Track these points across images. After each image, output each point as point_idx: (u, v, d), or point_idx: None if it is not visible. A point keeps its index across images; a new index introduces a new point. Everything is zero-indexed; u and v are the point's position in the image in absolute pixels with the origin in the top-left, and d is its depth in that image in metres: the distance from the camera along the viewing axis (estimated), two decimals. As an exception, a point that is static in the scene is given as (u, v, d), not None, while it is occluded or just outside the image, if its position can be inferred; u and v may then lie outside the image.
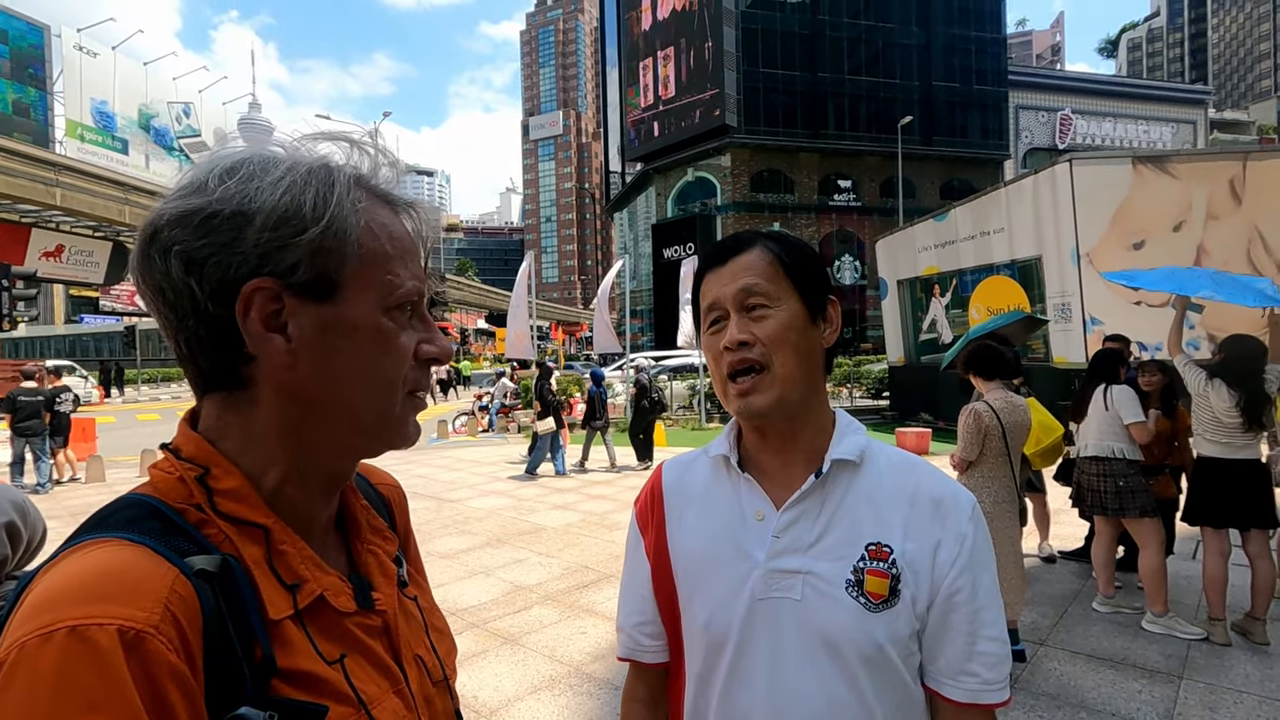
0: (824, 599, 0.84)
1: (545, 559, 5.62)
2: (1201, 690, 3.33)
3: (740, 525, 0.90)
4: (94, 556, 0.49)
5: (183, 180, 0.57)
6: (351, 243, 0.57)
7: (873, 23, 38.94)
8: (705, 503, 0.95)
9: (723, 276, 0.90)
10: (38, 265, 20.55)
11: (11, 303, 11.80)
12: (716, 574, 0.89)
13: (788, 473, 0.90)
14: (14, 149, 21.35)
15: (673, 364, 17.76)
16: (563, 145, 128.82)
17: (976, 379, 3.78)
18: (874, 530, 0.85)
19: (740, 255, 0.90)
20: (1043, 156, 40.44)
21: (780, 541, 0.86)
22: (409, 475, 9.68)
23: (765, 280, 0.87)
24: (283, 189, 0.55)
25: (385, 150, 0.63)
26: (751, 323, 0.87)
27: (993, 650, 0.84)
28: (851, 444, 0.89)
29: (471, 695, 3.40)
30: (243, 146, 0.58)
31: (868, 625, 0.82)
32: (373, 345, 0.59)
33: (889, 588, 0.83)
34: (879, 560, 0.84)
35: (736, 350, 0.86)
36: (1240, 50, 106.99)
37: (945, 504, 0.87)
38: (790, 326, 0.86)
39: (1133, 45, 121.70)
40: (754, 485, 0.90)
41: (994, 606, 0.86)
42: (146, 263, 0.55)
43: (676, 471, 1.01)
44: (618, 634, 1.02)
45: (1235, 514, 3.88)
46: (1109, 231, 9.59)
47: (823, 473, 0.87)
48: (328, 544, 0.64)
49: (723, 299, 0.89)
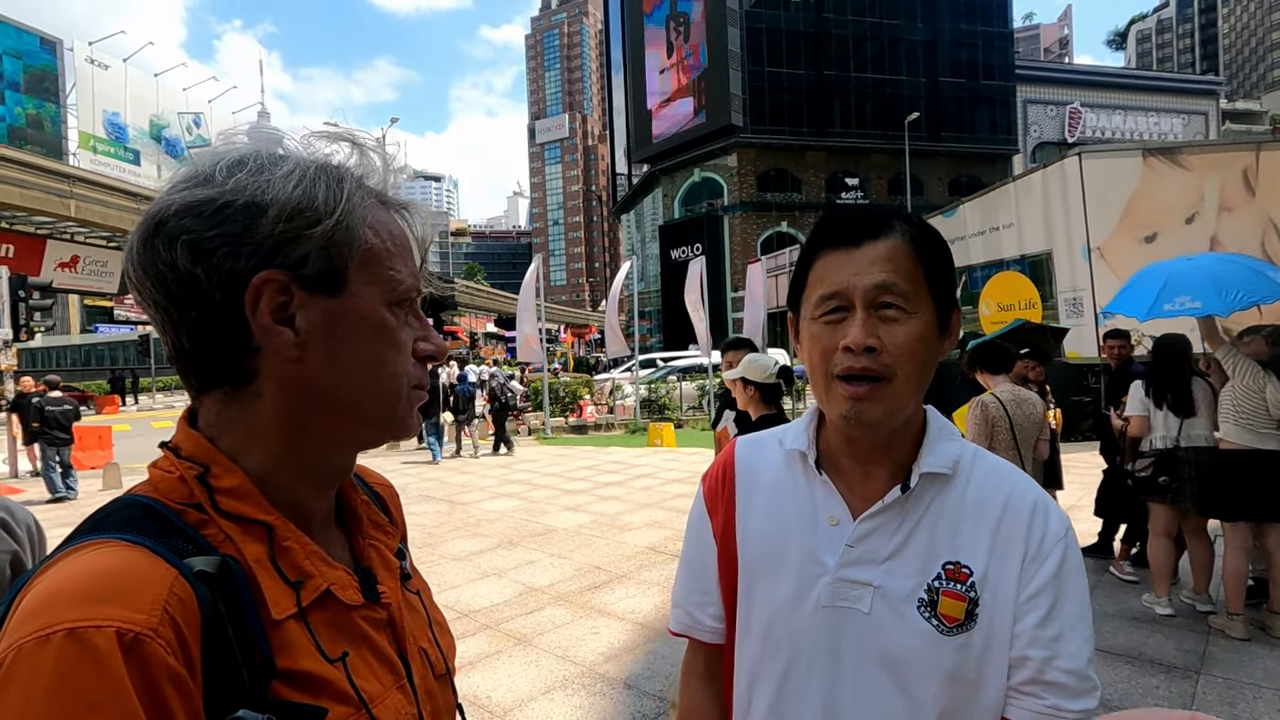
0: (894, 616, 0.78)
1: (557, 560, 5.63)
2: (1220, 685, 3.29)
3: (811, 528, 0.84)
4: (91, 558, 0.48)
5: (183, 173, 0.56)
6: (359, 238, 0.58)
7: (878, 20, 38.80)
8: (776, 496, 0.89)
9: (854, 262, 0.78)
10: (53, 276, 20.76)
11: (28, 313, 11.93)
12: (782, 574, 0.84)
13: (869, 479, 0.84)
14: (29, 161, 21.62)
15: (682, 364, 17.75)
16: (569, 148, 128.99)
17: (983, 375, 3.77)
18: (955, 548, 0.79)
19: (878, 240, 0.78)
20: (1052, 151, 40.11)
21: (854, 551, 0.81)
22: (420, 479, 9.73)
23: (906, 280, 0.77)
24: (295, 181, 0.55)
25: (384, 153, 0.64)
26: (882, 324, 0.77)
27: (1068, 684, 0.75)
28: (944, 454, 0.82)
29: (485, 696, 3.42)
30: (245, 143, 0.59)
31: (938, 650, 0.77)
32: (379, 338, 0.59)
33: (965, 611, 0.77)
34: (956, 581, 0.78)
35: (861, 356, 0.76)
36: (1252, 40, 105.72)
37: (1037, 519, 0.80)
38: (922, 338, 0.77)
39: (1142, 37, 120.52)
40: (830, 488, 0.84)
41: (1077, 637, 0.77)
42: (149, 253, 0.54)
43: (751, 454, 0.95)
44: (674, 608, 0.99)
45: (1256, 507, 3.83)
46: (1120, 225, 9.51)
47: (909, 487, 0.81)
48: (330, 539, 0.64)
49: (851, 290, 0.77)
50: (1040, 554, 0.78)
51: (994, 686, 0.78)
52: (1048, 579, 0.77)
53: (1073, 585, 0.79)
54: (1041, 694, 0.76)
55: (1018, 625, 0.77)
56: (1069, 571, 0.79)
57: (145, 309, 0.57)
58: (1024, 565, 0.78)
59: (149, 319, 0.58)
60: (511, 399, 12.58)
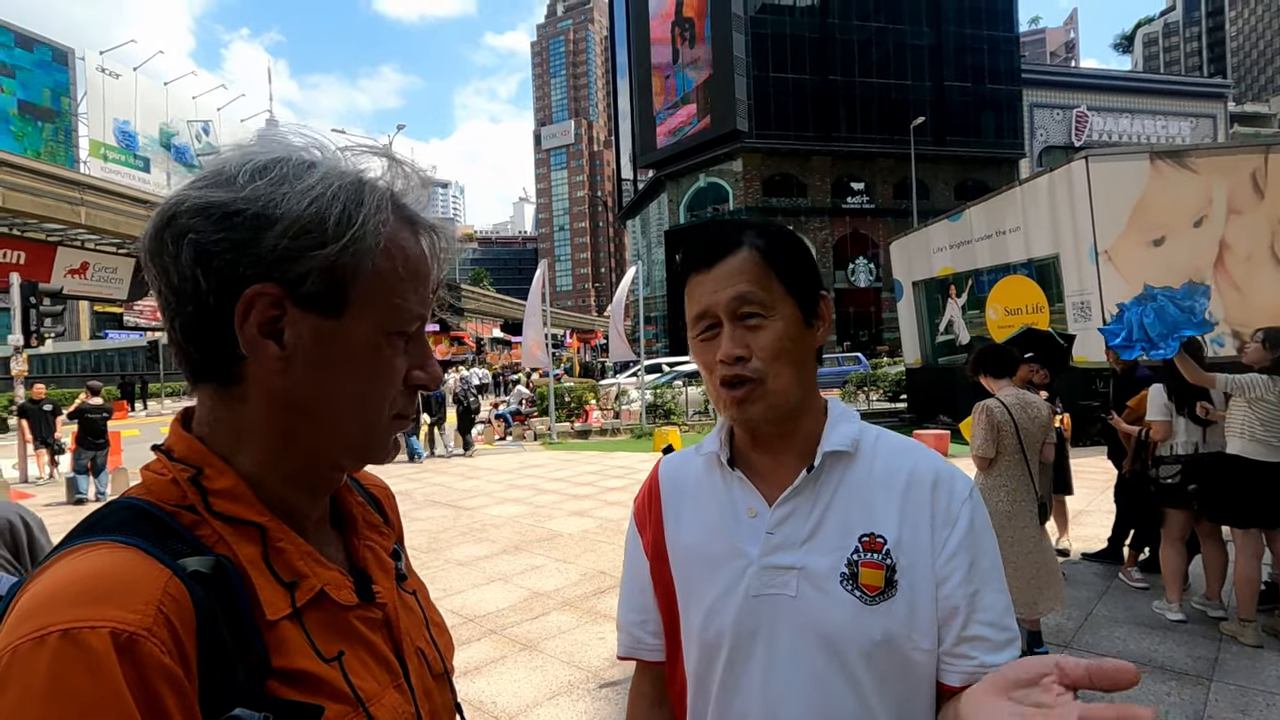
0: (819, 594, 0.82)
1: (562, 565, 5.62)
2: (1232, 692, 3.26)
3: (733, 522, 0.88)
4: (86, 560, 0.49)
5: (212, 166, 0.56)
6: (367, 263, 0.57)
7: (883, 24, 38.80)
8: (699, 500, 0.93)
9: (711, 281, 0.85)
10: (64, 282, 20.94)
11: (39, 320, 12.06)
12: (711, 572, 0.88)
13: (780, 468, 0.88)
14: (40, 169, 21.90)
15: (687, 369, 17.74)
16: (575, 154, 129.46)
17: (987, 379, 3.76)
18: (867, 520, 0.83)
19: (728, 258, 0.85)
20: (1059, 154, 39.98)
21: (774, 538, 0.84)
22: (426, 484, 9.75)
23: (758, 287, 0.83)
24: (310, 199, 0.54)
25: (419, 170, 0.63)
26: (747, 333, 0.83)
27: (988, 635, 0.80)
28: (843, 434, 0.87)
29: (490, 701, 3.41)
30: (281, 146, 0.58)
31: (864, 620, 0.80)
32: (366, 366, 0.59)
33: (884, 579, 0.81)
34: (873, 551, 0.82)
35: (733, 365, 0.83)
36: (1260, 43, 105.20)
37: (941, 485, 0.85)
38: (785, 335, 0.83)
39: (1148, 40, 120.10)
40: (745, 482, 0.89)
41: (991, 590, 0.82)
42: (157, 244, 0.55)
43: (672, 469, 0.99)
44: (618, 632, 1.01)
45: (1265, 514, 3.80)
46: (1128, 228, 9.46)
47: (814, 467, 0.85)
48: (324, 540, 0.64)
49: (714, 307, 0.84)
50: (949, 517, 0.83)
51: (924, 651, 0.81)
52: (960, 539, 0.82)
53: (984, 543, 0.84)
54: (969, 652, 0.80)
55: (940, 589, 0.82)
56: (979, 531, 0.84)
57: (153, 292, 0.58)
58: (934, 530, 0.83)
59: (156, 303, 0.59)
60: (474, 403, 13.56)
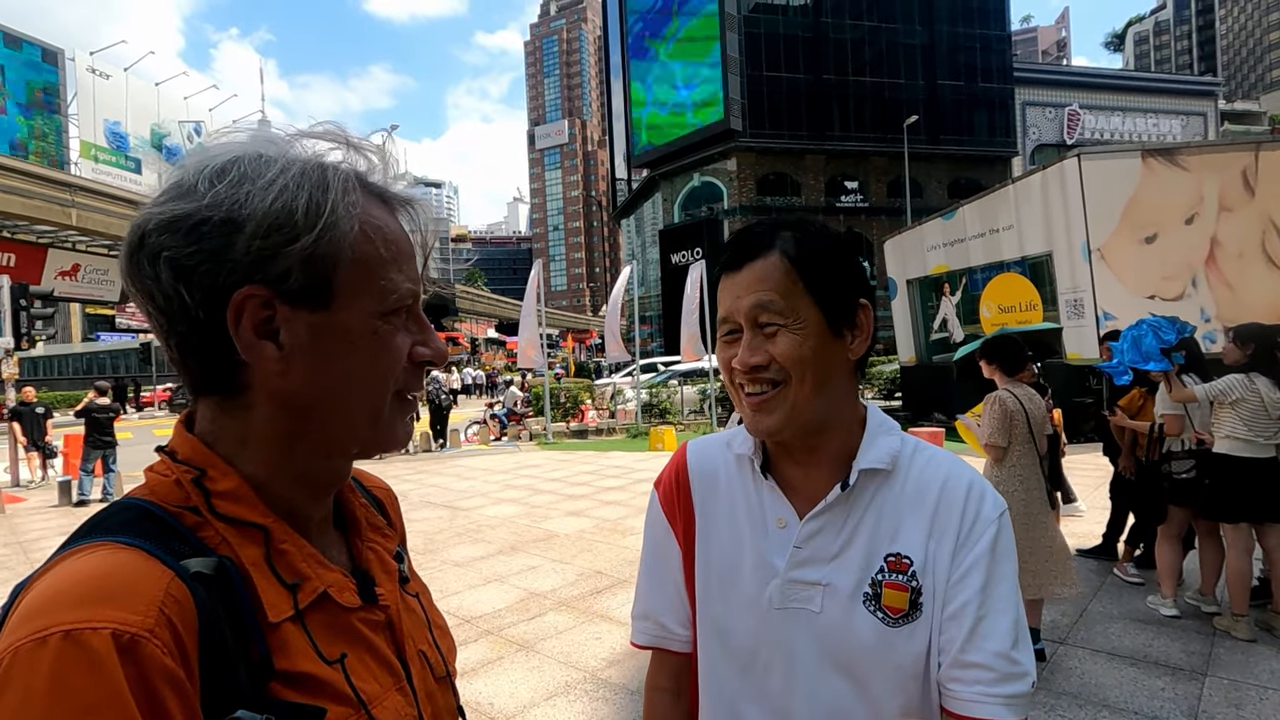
0: (843, 612, 0.80)
1: (559, 565, 5.62)
2: (1226, 687, 3.28)
3: (762, 531, 0.86)
4: (88, 560, 0.48)
5: (170, 180, 0.55)
6: (346, 249, 0.56)
7: (876, 23, 38.90)
8: (729, 501, 0.90)
9: (736, 285, 0.83)
10: (54, 284, 20.81)
11: (30, 322, 11.96)
12: (735, 579, 0.86)
13: (811, 481, 0.85)
14: (31, 171, 21.73)
15: (683, 369, 17.74)
16: (569, 154, 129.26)
17: (997, 372, 3.79)
18: (896, 540, 0.81)
19: (756, 261, 0.82)
20: (1051, 152, 40.18)
21: (802, 552, 0.82)
22: (422, 485, 9.72)
23: (780, 295, 0.80)
24: (274, 194, 0.53)
25: (381, 148, 0.62)
26: (766, 340, 0.81)
27: (992, 664, 0.75)
28: (882, 449, 0.83)
29: (487, 702, 3.41)
30: (234, 142, 0.57)
31: (886, 642, 0.78)
32: (366, 351, 0.58)
33: (909, 601, 0.78)
34: (898, 573, 0.79)
35: (749, 372, 0.82)
36: (1250, 41, 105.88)
37: (970, 505, 0.81)
38: (806, 344, 0.80)
39: (1139, 39, 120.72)
40: (776, 491, 0.86)
41: (1003, 618, 0.77)
42: (135, 268, 0.54)
43: (702, 460, 0.96)
44: (636, 621, 0.98)
45: (1255, 508, 3.82)
46: (1120, 226, 9.52)
47: (849, 484, 0.82)
48: (327, 541, 0.64)
49: (735, 313, 0.83)
50: (972, 536, 0.80)
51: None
52: (976, 561, 0.79)
53: (1002, 569, 0.79)
54: (967, 678, 0.76)
55: (946, 609, 0.78)
56: (999, 555, 0.80)
57: (143, 317, 0.57)
58: (956, 547, 0.80)
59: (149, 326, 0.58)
60: (446, 401, 14.34)
